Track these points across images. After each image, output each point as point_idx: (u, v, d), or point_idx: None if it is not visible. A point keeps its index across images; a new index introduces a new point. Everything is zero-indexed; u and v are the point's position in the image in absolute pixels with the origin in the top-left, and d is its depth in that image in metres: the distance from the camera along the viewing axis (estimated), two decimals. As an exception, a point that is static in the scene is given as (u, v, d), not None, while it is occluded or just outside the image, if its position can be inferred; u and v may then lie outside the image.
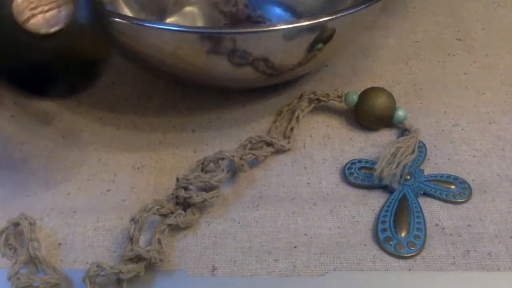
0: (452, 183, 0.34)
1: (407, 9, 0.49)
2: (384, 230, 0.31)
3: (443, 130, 0.38)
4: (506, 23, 0.47)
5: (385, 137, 0.37)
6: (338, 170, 0.35)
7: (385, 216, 0.32)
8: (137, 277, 0.29)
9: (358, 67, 0.43)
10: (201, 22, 0.47)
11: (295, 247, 0.31)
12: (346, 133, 0.38)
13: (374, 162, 0.34)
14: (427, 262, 0.30)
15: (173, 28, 0.33)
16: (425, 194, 0.33)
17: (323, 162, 0.36)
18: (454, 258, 0.30)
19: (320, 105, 0.39)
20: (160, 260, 0.29)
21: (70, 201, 0.34)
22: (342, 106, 0.39)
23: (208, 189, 0.32)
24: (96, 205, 0.33)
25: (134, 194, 0.34)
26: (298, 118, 0.38)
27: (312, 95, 0.39)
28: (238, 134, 0.38)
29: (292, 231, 0.31)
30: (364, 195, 0.34)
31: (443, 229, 0.31)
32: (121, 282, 0.28)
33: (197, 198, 0.32)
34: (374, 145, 0.37)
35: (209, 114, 0.40)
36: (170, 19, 0.46)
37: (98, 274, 0.28)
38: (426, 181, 0.34)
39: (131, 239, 0.29)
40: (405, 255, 0.30)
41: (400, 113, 0.37)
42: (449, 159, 0.36)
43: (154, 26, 0.33)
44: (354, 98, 0.38)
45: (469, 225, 0.32)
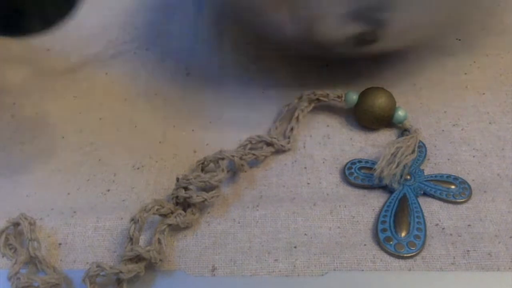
0: (452, 183, 0.34)
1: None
2: (384, 230, 0.31)
3: (443, 130, 0.38)
4: (506, 23, 0.47)
5: (385, 137, 0.37)
6: (338, 170, 0.35)
7: (385, 216, 0.32)
8: (137, 277, 0.29)
9: (358, 67, 0.43)
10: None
11: (295, 247, 0.31)
12: (346, 133, 0.38)
13: (374, 162, 0.34)
14: (427, 262, 0.30)
15: None
16: (425, 194, 0.33)
17: (323, 162, 0.36)
18: (454, 258, 0.30)
19: (320, 105, 0.39)
20: (160, 260, 0.29)
21: (70, 201, 0.34)
22: (342, 106, 0.39)
23: (208, 189, 0.33)
24: (96, 205, 0.33)
25: (134, 194, 0.34)
26: (298, 118, 0.38)
27: (312, 95, 0.39)
28: (238, 134, 0.38)
29: (292, 231, 0.31)
30: (364, 195, 0.34)
31: (443, 229, 0.31)
32: (121, 282, 0.28)
33: (197, 198, 0.32)
34: (374, 145, 0.37)
35: (209, 114, 0.40)
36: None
37: (98, 274, 0.28)
38: (426, 181, 0.34)
39: (131, 239, 0.29)
40: (405, 255, 0.30)
41: (400, 113, 0.37)
42: (449, 159, 0.36)
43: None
44: (354, 98, 0.38)
45: (469, 225, 0.32)
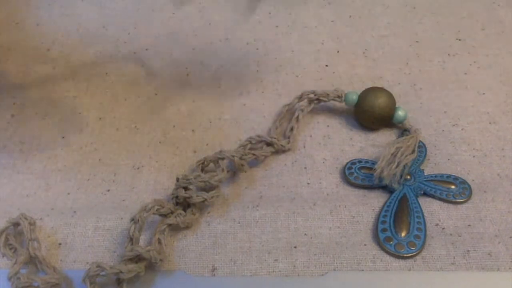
0: (452, 183, 0.34)
1: (407, 9, 0.49)
2: (384, 230, 0.31)
3: (443, 130, 0.38)
4: (506, 23, 0.47)
5: (385, 137, 0.37)
6: (338, 170, 0.35)
7: (385, 216, 0.32)
8: (137, 277, 0.29)
9: (358, 67, 0.43)
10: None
11: (295, 247, 0.31)
12: (346, 133, 0.38)
13: (374, 162, 0.34)
14: (427, 262, 0.30)
15: None
16: (425, 194, 0.33)
17: (323, 162, 0.36)
18: (454, 258, 0.30)
19: (320, 105, 0.39)
20: (160, 260, 0.29)
21: (70, 201, 0.34)
22: (342, 106, 0.39)
23: (208, 189, 0.33)
24: (96, 205, 0.33)
25: (134, 194, 0.34)
26: (298, 118, 0.38)
27: (312, 95, 0.39)
28: (238, 134, 0.38)
29: (292, 231, 0.31)
30: (364, 195, 0.34)
31: (443, 229, 0.31)
32: (121, 282, 0.28)
33: (197, 198, 0.32)
34: (374, 145, 0.37)
35: (209, 114, 0.40)
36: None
37: (98, 274, 0.28)
38: (426, 181, 0.34)
39: (131, 239, 0.29)
40: (405, 255, 0.30)
41: (400, 113, 0.37)
42: (449, 159, 0.36)
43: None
44: (354, 98, 0.38)
45: (469, 225, 0.32)
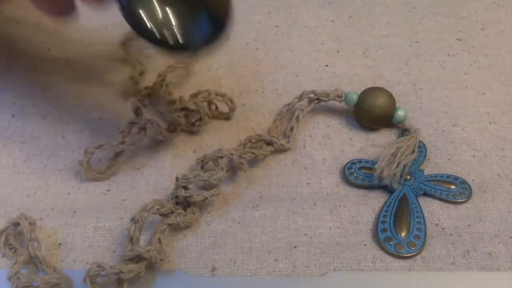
0: (452, 183, 0.34)
1: (407, 9, 0.49)
2: (384, 230, 0.31)
3: (443, 130, 0.38)
4: (506, 23, 0.47)
5: (385, 137, 0.37)
6: (338, 170, 0.35)
7: (385, 216, 0.32)
8: (137, 277, 0.29)
9: (358, 67, 0.43)
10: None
11: (295, 247, 0.31)
12: (346, 133, 0.38)
13: (374, 162, 0.34)
14: (427, 262, 0.30)
15: None
16: (425, 194, 0.33)
17: (323, 162, 0.36)
18: (454, 258, 0.30)
19: (320, 105, 0.39)
20: (160, 260, 0.29)
21: (70, 201, 0.34)
22: (342, 106, 0.39)
23: (208, 188, 0.32)
24: (96, 205, 0.33)
25: (134, 194, 0.34)
26: (298, 118, 0.38)
27: (312, 95, 0.39)
28: (238, 134, 0.38)
29: (292, 231, 0.31)
30: (364, 195, 0.34)
31: (443, 229, 0.31)
32: (121, 282, 0.28)
33: (197, 196, 0.31)
34: (374, 145, 0.37)
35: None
36: None
37: (99, 274, 0.28)
38: (426, 181, 0.34)
39: (131, 239, 0.29)
40: (405, 255, 0.30)
41: (400, 113, 0.37)
42: (449, 159, 0.36)
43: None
44: (354, 98, 0.38)
45: (469, 225, 0.32)
